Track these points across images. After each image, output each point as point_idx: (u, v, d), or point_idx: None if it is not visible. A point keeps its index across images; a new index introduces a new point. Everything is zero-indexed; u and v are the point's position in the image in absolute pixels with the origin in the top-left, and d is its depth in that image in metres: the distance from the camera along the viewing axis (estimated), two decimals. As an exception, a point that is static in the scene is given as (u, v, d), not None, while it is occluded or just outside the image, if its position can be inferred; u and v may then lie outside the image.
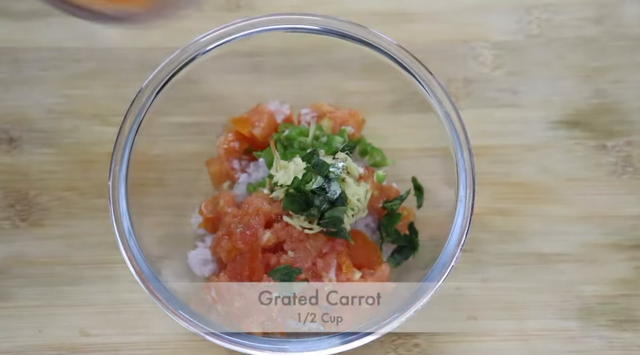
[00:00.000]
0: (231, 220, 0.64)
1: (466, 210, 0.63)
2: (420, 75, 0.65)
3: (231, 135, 0.70)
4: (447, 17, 0.78)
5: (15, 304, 0.70)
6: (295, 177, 0.63)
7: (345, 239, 0.64)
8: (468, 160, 0.64)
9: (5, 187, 0.73)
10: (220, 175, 0.70)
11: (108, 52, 0.77)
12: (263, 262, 0.63)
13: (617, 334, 0.70)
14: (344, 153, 0.65)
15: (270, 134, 0.69)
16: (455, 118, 0.65)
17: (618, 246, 0.72)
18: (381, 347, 0.69)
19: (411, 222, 0.68)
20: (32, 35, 0.77)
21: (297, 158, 0.64)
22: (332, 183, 0.63)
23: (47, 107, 0.75)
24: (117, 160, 0.63)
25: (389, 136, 0.72)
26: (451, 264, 0.62)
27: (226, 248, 0.64)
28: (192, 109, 0.71)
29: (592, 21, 0.78)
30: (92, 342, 0.69)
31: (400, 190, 0.69)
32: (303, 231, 0.63)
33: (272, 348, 0.60)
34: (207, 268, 0.68)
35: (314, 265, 0.63)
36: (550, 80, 0.77)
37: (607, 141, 0.75)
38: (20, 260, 0.71)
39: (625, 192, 0.74)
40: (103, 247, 0.71)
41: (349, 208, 0.63)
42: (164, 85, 0.65)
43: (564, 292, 0.71)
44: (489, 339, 0.70)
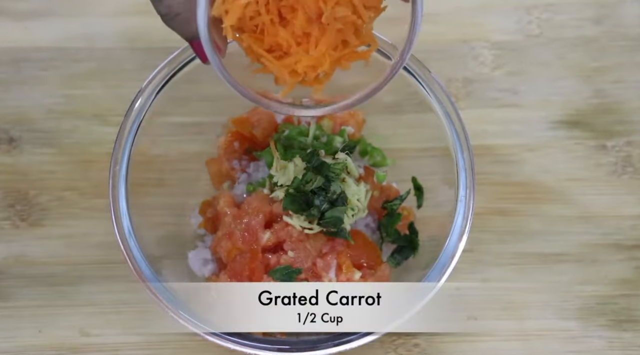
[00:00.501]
0: (231, 220, 0.64)
1: (466, 210, 0.63)
2: (420, 75, 0.65)
3: (231, 135, 0.70)
4: (447, 17, 0.78)
5: (15, 304, 0.70)
6: (295, 177, 0.63)
7: (345, 239, 0.64)
8: (468, 160, 0.64)
9: (5, 187, 0.73)
10: (220, 175, 0.70)
11: (108, 52, 0.77)
12: (263, 262, 0.63)
13: (617, 334, 0.70)
14: (344, 153, 0.65)
15: (270, 134, 0.69)
16: (455, 118, 0.65)
17: (618, 246, 0.72)
18: (381, 347, 0.69)
19: (411, 222, 0.68)
20: (32, 35, 0.77)
21: (297, 158, 0.64)
22: (332, 183, 0.63)
23: (47, 107, 0.75)
24: (117, 160, 0.63)
25: (389, 136, 0.72)
26: (451, 264, 0.62)
27: (226, 248, 0.64)
28: (192, 109, 0.71)
29: (592, 21, 0.78)
30: (92, 342, 0.69)
31: (400, 190, 0.69)
32: (303, 231, 0.63)
33: (272, 348, 0.60)
34: (207, 268, 0.68)
35: (314, 265, 0.63)
36: (551, 80, 0.77)
37: (607, 141, 0.75)
38: (20, 260, 0.71)
39: (625, 192, 0.74)
40: (103, 247, 0.71)
41: (349, 208, 0.63)
42: (164, 85, 0.65)
43: (564, 292, 0.71)
44: (489, 339, 0.70)
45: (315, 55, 0.51)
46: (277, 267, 0.63)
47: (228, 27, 0.49)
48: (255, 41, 0.51)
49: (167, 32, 0.66)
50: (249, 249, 0.63)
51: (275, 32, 0.50)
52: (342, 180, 0.64)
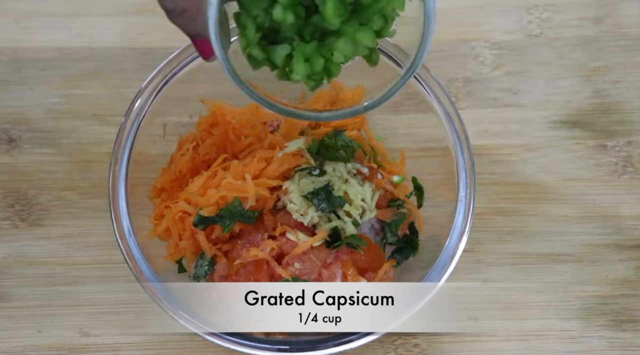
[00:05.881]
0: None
1: (466, 210, 0.63)
2: (420, 75, 0.65)
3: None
4: (447, 17, 0.78)
5: (15, 304, 0.70)
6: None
7: (353, 249, 0.64)
8: (468, 160, 0.64)
9: (5, 187, 0.73)
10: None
11: (108, 52, 0.77)
12: (268, 273, 0.63)
13: (617, 334, 0.70)
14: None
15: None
16: (455, 118, 0.65)
17: (618, 246, 0.72)
18: (381, 347, 0.69)
19: (411, 222, 0.68)
20: (32, 35, 0.77)
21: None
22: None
23: (47, 107, 0.75)
24: (117, 160, 0.63)
25: (389, 136, 0.72)
26: (451, 264, 0.62)
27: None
28: (192, 109, 0.71)
29: (592, 21, 0.78)
30: (92, 342, 0.69)
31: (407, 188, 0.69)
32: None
33: (272, 348, 0.60)
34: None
35: (319, 276, 0.63)
36: (551, 80, 0.77)
37: (607, 141, 0.75)
38: (20, 260, 0.71)
39: (625, 192, 0.74)
40: (103, 247, 0.70)
41: (353, 209, 0.63)
42: (164, 85, 0.65)
43: (564, 292, 0.71)
44: (489, 339, 0.70)
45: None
46: (284, 279, 0.62)
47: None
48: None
49: (167, 32, 0.66)
50: (253, 262, 0.63)
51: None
52: (345, 181, 0.64)
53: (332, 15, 0.45)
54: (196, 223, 0.63)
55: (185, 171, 0.67)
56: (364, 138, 0.70)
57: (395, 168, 0.70)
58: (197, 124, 0.69)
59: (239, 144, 0.67)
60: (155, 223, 0.66)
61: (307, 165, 0.65)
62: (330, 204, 0.63)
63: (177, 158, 0.67)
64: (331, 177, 0.64)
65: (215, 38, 0.47)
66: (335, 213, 0.64)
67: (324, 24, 0.46)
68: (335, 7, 0.45)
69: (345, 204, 0.63)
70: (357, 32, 0.47)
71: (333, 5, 0.45)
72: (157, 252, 0.65)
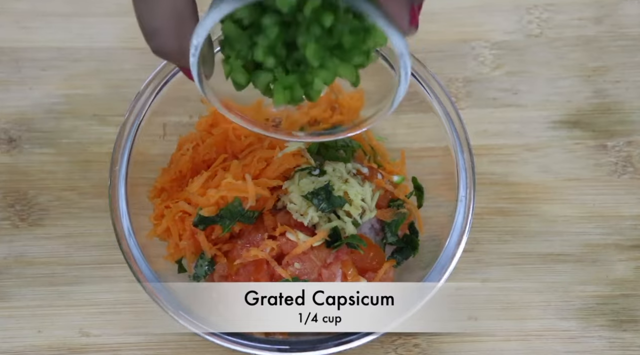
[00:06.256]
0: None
1: (466, 210, 0.63)
2: (420, 75, 0.65)
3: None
4: (447, 17, 0.78)
5: (15, 304, 0.70)
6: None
7: (353, 249, 0.64)
8: (468, 160, 0.64)
9: (4, 187, 0.73)
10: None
11: (108, 52, 0.77)
12: (268, 273, 0.63)
13: (617, 334, 0.70)
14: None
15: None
16: (455, 118, 0.65)
17: (618, 246, 0.72)
18: (381, 347, 0.69)
19: (411, 222, 0.68)
20: (32, 35, 0.77)
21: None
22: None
23: (47, 107, 0.75)
24: (117, 160, 0.63)
25: (389, 136, 0.72)
26: (451, 264, 0.62)
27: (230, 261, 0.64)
28: (192, 109, 0.71)
29: (592, 21, 0.78)
30: (92, 342, 0.69)
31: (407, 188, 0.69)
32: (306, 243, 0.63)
33: (272, 348, 0.60)
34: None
35: (319, 276, 0.63)
36: (551, 80, 0.77)
37: (607, 141, 0.75)
38: (20, 260, 0.71)
39: (625, 192, 0.74)
40: (103, 247, 0.70)
41: (353, 209, 0.63)
42: (164, 85, 0.65)
43: (564, 292, 0.71)
44: (489, 339, 0.70)
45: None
46: (284, 279, 0.62)
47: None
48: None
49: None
50: (253, 263, 0.63)
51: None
52: (345, 181, 0.64)
53: (313, 57, 0.46)
54: (196, 223, 0.63)
55: (185, 171, 0.67)
56: (364, 138, 0.70)
57: (395, 168, 0.70)
58: (197, 124, 0.69)
59: (239, 144, 0.67)
60: (155, 223, 0.66)
61: (307, 165, 0.65)
62: (330, 204, 0.63)
63: (177, 158, 0.67)
64: (331, 177, 0.64)
65: (198, 80, 0.49)
66: (335, 213, 0.64)
67: (305, 59, 0.47)
68: (316, 51, 0.46)
69: (345, 204, 0.63)
70: (338, 68, 0.48)
71: (314, 48, 0.46)
72: (157, 252, 0.65)
